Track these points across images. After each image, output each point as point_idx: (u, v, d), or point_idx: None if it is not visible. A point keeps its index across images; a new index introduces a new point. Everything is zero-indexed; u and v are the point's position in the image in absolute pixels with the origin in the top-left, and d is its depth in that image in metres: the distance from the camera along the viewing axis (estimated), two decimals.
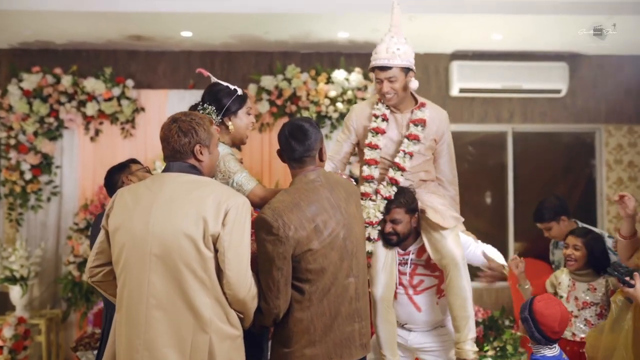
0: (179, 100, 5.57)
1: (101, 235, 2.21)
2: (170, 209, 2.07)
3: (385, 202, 2.92)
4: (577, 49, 5.91)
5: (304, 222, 2.22)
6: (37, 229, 5.57)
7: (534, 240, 6.26)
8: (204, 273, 2.03)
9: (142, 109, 5.67)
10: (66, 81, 5.48)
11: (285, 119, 5.68)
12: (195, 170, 2.17)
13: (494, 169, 6.34)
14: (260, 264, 2.20)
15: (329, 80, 5.62)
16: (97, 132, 5.63)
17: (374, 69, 2.92)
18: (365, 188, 2.97)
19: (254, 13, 4.85)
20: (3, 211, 5.58)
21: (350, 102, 5.58)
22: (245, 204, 2.13)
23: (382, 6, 3.99)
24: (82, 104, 5.53)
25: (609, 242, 3.50)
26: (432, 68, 5.95)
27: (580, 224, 3.80)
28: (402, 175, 2.94)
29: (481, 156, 6.39)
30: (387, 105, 2.98)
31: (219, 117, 2.53)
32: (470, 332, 2.85)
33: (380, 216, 2.92)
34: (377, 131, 2.96)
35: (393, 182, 2.93)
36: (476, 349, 2.87)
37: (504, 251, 6.09)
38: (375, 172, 2.97)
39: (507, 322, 5.40)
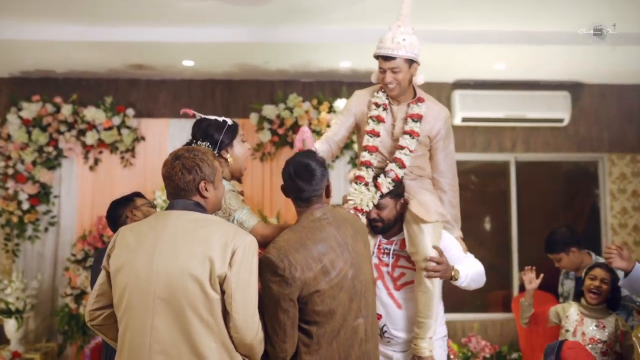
0: (179, 129, 5.53)
1: (102, 277, 2.13)
2: (175, 248, 1.99)
3: (380, 195, 2.82)
4: (579, 78, 5.91)
5: (310, 262, 2.14)
6: (34, 260, 5.47)
7: (538, 270, 6.17)
8: (210, 316, 1.95)
9: (143, 138, 5.62)
10: (66, 110, 5.44)
11: (286, 149, 5.64)
12: (200, 208, 2.10)
13: (497, 197, 6.28)
14: (266, 306, 2.12)
15: (330, 109, 5.59)
16: (97, 161, 5.57)
17: (378, 57, 2.85)
18: (362, 172, 2.87)
19: (255, 42, 4.83)
20: None
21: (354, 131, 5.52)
22: (252, 243, 2.06)
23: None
24: (81, 133, 5.48)
25: (622, 276, 3.44)
26: (434, 97, 5.83)
27: (594, 256, 3.74)
28: (400, 168, 2.87)
29: (484, 185, 6.34)
30: (387, 95, 2.91)
31: (215, 152, 2.46)
32: (430, 331, 2.73)
33: (372, 207, 2.82)
34: (378, 119, 2.89)
35: (396, 179, 2.86)
36: (432, 347, 2.73)
37: (507, 281, 6.03)
38: (374, 160, 2.89)
39: (514, 356, 5.29)
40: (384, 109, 2.89)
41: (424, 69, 5.44)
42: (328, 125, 5.55)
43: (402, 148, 2.84)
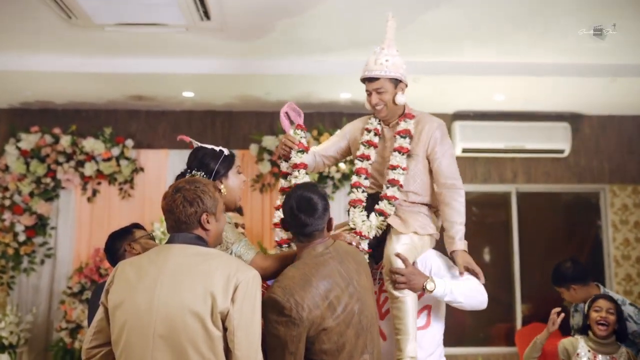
0: (179, 160, 5.49)
1: (99, 313, 2.06)
2: (176, 284, 1.93)
3: (383, 218, 2.72)
4: (579, 110, 5.92)
5: (317, 300, 2.07)
6: (29, 293, 5.38)
7: (541, 302, 6.11)
8: (211, 354, 1.88)
9: (142, 169, 5.59)
10: (65, 141, 5.41)
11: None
12: (201, 242, 2.05)
13: (499, 229, 6.23)
14: (271, 349, 2.04)
15: None
16: (95, 192, 5.53)
17: (364, 81, 2.80)
18: (354, 195, 2.79)
19: (255, 74, 4.84)
20: None
21: (352, 162, 5.49)
22: (255, 278, 2.00)
23: None
24: (80, 164, 5.45)
25: (630, 310, 3.38)
26: None
27: (602, 289, 3.68)
28: (399, 190, 2.73)
29: (485, 216, 6.30)
30: (379, 120, 2.85)
31: None
32: (408, 349, 2.53)
33: (374, 234, 2.70)
34: (369, 144, 2.83)
35: (392, 199, 2.73)
36: None
37: (510, 313, 5.94)
38: (365, 182, 2.79)
39: None
40: (376, 134, 2.83)
41: (424, 100, 5.50)
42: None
43: (394, 168, 2.73)
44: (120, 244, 2.94)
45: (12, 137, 5.48)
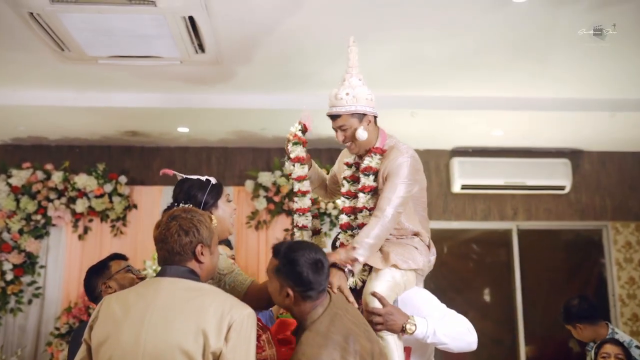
0: None
1: (82, 351, 1.92)
2: (166, 320, 1.81)
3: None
4: (579, 146, 5.85)
5: (344, 355, 2.01)
6: (15, 335, 5.19)
7: (546, 343, 5.92)
8: None
9: (135, 206, 5.47)
10: (57, 177, 5.31)
11: (282, 216, 5.49)
12: (194, 276, 1.93)
13: (500, 267, 6.08)
14: None
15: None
16: (86, 229, 5.40)
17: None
18: (342, 237, 2.67)
19: (251, 109, 4.77)
20: None
21: None
22: (250, 316, 1.88)
23: (382, 104, 3.93)
24: (71, 200, 5.33)
25: (637, 353, 3.23)
26: (433, 164, 5.85)
27: (611, 327, 3.53)
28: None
29: (485, 254, 6.16)
30: (358, 156, 2.73)
31: None
32: None
33: (360, 284, 2.56)
34: (352, 179, 2.71)
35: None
36: None
37: (514, 355, 5.74)
38: (355, 223, 2.65)
39: None
40: (357, 168, 2.71)
41: (422, 135, 5.42)
42: None
43: (361, 210, 2.61)
44: (96, 281, 2.76)
45: (3, 173, 5.37)
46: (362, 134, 2.58)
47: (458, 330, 2.43)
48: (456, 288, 5.75)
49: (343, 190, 2.74)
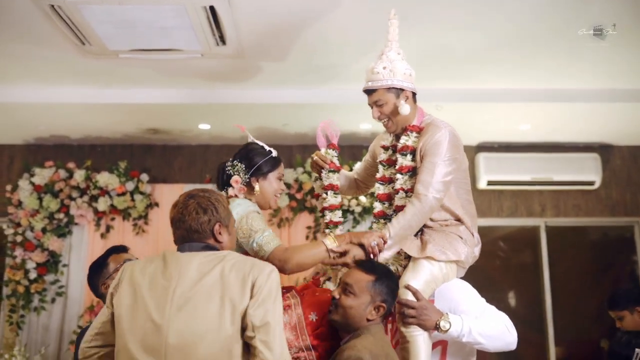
0: None
1: (104, 315, 1.92)
2: (189, 301, 1.78)
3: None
4: (608, 140, 5.69)
5: None
6: (39, 333, 5.17)
7: (576, 344, 5.76)
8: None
9: (156, 204, 5.44)
10: (79, 175, 5.30)
11: (304, 214, 5.42)
12: (211, 249, 1.91)
13: (528, 266, 5.94)
14: None
15: None
16: (108, 228, 5.38)
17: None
18: (378, 226, 2.56)
19: (273, 104, 4.71)
20: (4, 314, 5.21)
21: (373, 195, 5.30)
22: (272, 273, 1.86)
23: None
24: (94, 199, 5.31)
25: None
26: None
27: None
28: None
29: (513, 252, 6.02)
30: (395, 136, 2.61)
31: (246, 176, 2.38)
32: None
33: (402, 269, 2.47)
34: (388, 163, 2.60)
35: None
36: None
37: (543, 356, 5.58)
38: (390, 210, 2.53)
39: None
40: (394, 151, 2.59)
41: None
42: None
43: (397, 192, 2.48)
44: (97, 279, 2.64)
45: (26, 172, 5.38)
46: (404, 107, 2.45)
47: (496, 329, 2.31)
48: (483, 287, 5.55)
49: (378, 175, 2.63)
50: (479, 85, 4.60)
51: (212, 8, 3.31)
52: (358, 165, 2.96)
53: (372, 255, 2.31)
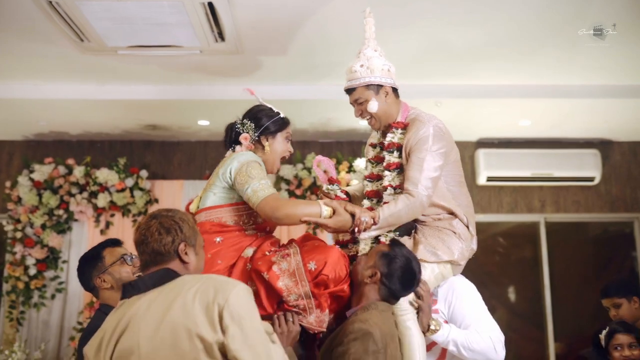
0: (194, 191, 5.34)
1: None
2: (155, 337, 1.64)
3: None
4: (608, 136, 5.68)
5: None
6: (39, 329, 5.18)
7: (576, 340, 5.76)
8: None
9: (156, 200, 5.44)
10: (78, 172, 5.29)
11: None
12: (172, 274, 1.76)
13: (527, 262, 5.93)
14: None
15: (350, 169, 5.39)
16: (108, 224, 5.38)
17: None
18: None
19: (272, 100, 4.63)
20: (4, 310, 5.22)
21: None
22: (240, 293, 1.66)
23: (406, 93, 3.84)
24: (93, 195, 5.31)
25: None
26: None
27: None
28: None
29: (512, 248, 6.01)
30: (382, 133, 2.60)
31: (256, 134, 2.41)
32: None
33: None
34: (376, 160, 2.59)
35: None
36: None
37: (542, 352, 5.59)
38: (377, 205, 2.51)
39: None
40: (382, 148, 2.58)
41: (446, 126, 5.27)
42: (347, 185, 5.34)
43: (386, 189, 2.47)
44: (90, 272, 2.51)
45: (26, 168, 5.38)
46: (372, 105, 2.47)
47: (481, 346, 2.32)
48: (483, 283, 5.57)
49: (366, 173, 2.63)
50: (479, 81, 4.59)
51: (210, 4, 3.31)
52: (356, 183, 2.90)
53: (356, 229, 2.30)
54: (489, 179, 5.60)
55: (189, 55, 3.98)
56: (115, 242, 2.62)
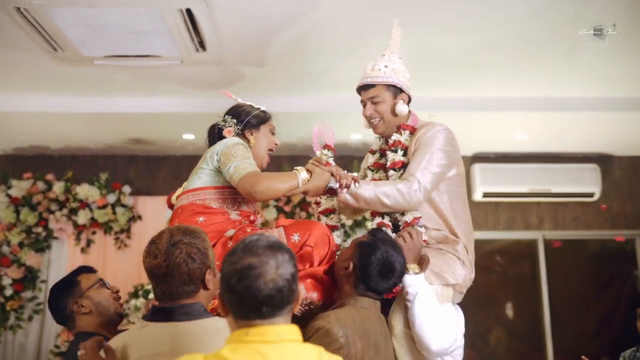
0: None
1: None
2: None
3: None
4: (608, 150, 5.51)
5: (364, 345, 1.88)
6: (15, 353, 4.95)
7: None
8: None
9: (139, 217, 5.23)
10: (58, 188, 5.09)
11: None
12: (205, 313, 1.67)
13: (525, 280, 5.73)
14: None
15: None
16: (89, 242, 5.17)
17: (359, 92, 2.46)
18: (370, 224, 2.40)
19: None
20: None
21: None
22: None
23: None
24: (73, 212, 5.10)
25: None
26: None
27: None
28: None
29: (510, 266, 5.81)
30: (385, 138, 2.47)
31: (239, 128, 2.39)
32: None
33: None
34: (376, 167, 2.48)
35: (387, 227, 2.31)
36: None
37: None
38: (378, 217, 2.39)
39: None
40: (382, 155, 2.46)
41: None
42: None
43: None
44: (65, 300, 2.33)
45: (3, 184, 5.17)
46: (402, 107, 2.35)
47: (437, 323, 2.11)
48: (479, 303, 5.41)
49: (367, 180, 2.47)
50: (473, 93, 4.43)
51: (188, 11, 3.14)
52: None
53: (336, 184, 2.18)
54: (485, 194, 5.42)
55: (169, 66, 3.80)
56: (90, 269, 2.47)
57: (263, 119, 2.44)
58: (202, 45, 3.52)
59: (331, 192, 2.20)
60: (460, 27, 3.43)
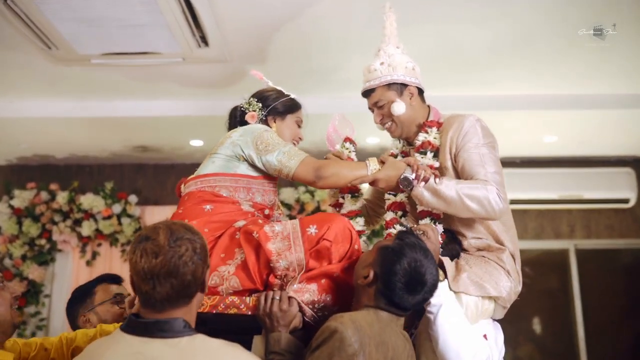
0: None
1: None
2: None
3: None
4: None
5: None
6: None
7: None
8: None
9: None
10: (61, 198, 4.89)
11: None
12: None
13: (556, 293, 5.41)
14: None
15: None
16: (94, 254, 4.96)
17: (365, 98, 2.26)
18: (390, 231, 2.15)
19: None
20: None
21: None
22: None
23: None
24: (77, 222, 4.90)
25: None
26: None
27: None
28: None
29: (540, 278, 5.48)
30: (406, 141, 2.24)
31: (263, 113, 2.16)
32: None
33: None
34: None
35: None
36: None
37: None
38: (405, 219, 2.16)
39: None
40: (405, 157, 2.19)
41: None
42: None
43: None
44: (77, 309, 2.27)
45: (6, 194, 5.00)
46: (398, 106, 2.12)
47: (464, 337, 1.84)
48: (506, 318, 5.09)
49: (386, 196, 2.23)
50: (496, 91, 4.16)
51: (188, 3, 2.91)
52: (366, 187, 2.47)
53: (413, 178, 1.92)
54: (512, 201, 5.10)
55: (171, 64, 3.58)
56: (113, 278, 2.37)
57: (291, 107, 2.22)
58: (204, 40, 3.29)
59: (405, 183, 1.94)
60: (483, 18, 3.16)
